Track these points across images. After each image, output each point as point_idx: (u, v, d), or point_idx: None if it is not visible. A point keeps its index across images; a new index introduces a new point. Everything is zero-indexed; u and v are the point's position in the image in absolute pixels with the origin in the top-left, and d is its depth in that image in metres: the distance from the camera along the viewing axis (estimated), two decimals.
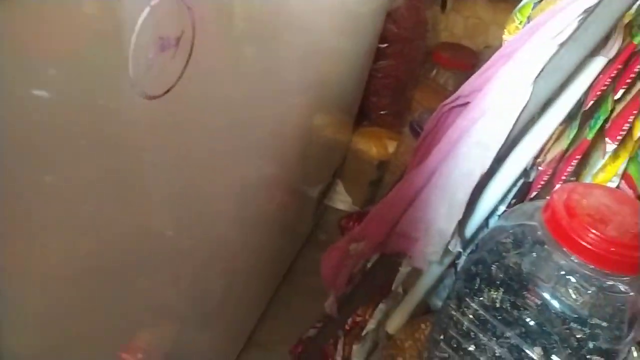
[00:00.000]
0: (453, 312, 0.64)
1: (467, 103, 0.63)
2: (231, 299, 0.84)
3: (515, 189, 0.64)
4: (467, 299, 0.62)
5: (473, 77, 0.64)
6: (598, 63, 0.47)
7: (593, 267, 0.48)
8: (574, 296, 0.50)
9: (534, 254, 0.53)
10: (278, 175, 0.85)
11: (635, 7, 0.47)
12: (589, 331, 0.49)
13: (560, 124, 0.52)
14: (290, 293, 1.17)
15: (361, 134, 1.33)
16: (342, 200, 1.41)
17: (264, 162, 0.75)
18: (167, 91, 0.36)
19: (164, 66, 0.34)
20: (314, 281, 1.19)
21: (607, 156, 0.52)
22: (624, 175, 0.57)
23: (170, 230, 0.48)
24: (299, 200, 1.12)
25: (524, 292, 0.55)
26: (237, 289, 0.86)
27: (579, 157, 0.52)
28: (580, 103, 0.51)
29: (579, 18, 0.45)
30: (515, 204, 0.65)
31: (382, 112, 1.34)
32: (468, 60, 1.29)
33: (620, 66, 0.47)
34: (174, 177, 0.44)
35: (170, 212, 0.47)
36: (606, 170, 0.54)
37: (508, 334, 0.55)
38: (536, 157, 0.60)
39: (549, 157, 0.56)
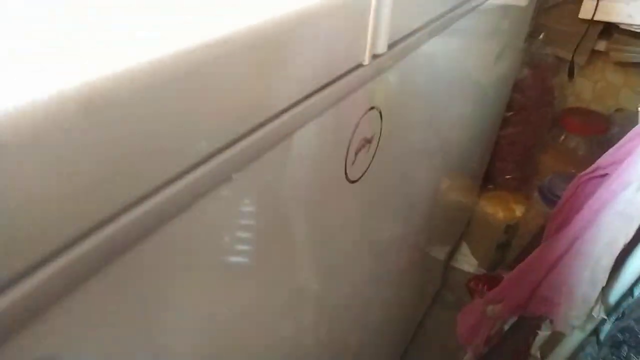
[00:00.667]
0: None
1: (606, 175, 0.67)
2: (365, 356, 0.90)
3: None
4: None
5: (612, 149, 0.68)
6: None
7: None
8: None
9: None
10: (409, 236, 0.93)
11: None
12: None
13: None
14: (420, 350, 1.21)
15: (487, 197, 1.37)
16: (468, 262, 1.43)
17: (399, 224, 0.83)
18: (361, 176, 0.47)
19: (361, 158, 0.46)
20: (442, 340, 1.23)
21: None
22: None
23: (317, 284, 0.57)
24: (428, 261, 1.17)
25: None
26: (370, 345, 0.92)
27: None
28: None
29: None
30: None
31: (507, 177, 1.37)
32: (598, 124, 1.29)
33: None
34: (343, 238, 0.55)
35: (322, 270, 0.56)
36: None
37: None
38: None
39: None
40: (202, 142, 0.26)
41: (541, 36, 1.26)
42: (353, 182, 0.46)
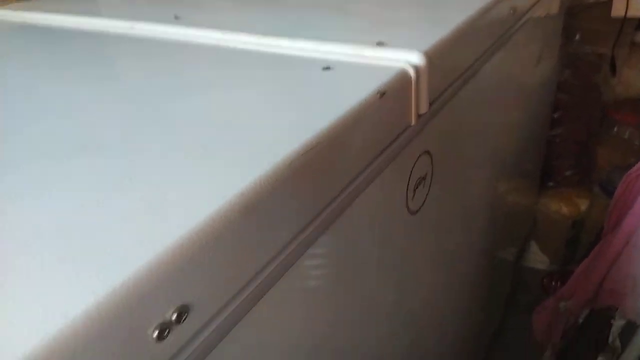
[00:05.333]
0: None
1: None
2: None
3: None
4: None
5: None
6: None
7: None
8: None
9: None
10: (474, 243, 0.98)
11: None
12: None
13: None
14: (501, 354, 1.25)
15: (549, 196, 1.40)
16: (539, 261, 1.46)
17: (463, 234, 0.90)
18: (420, 207, 0.57)
19: (419, 193, 0.55)
20: (522, 340, 1.26)
21: None
22: None
23: (394, 297, 0.65)
24: (496, 264, 1.22)
25: None
26: (450, 352, 0.98)
27: None
28: None
29: None
30: None
31: (567, 173, 1.40)
32: None
33: None
34: (410, 258, 0.64)
35: (398, 285, 0.64)
36: None
37: None
38: None
39: None
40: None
41: (577, 36, 1.30)
42: (414, 212, 0.55)
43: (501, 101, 0.86)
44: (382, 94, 0.41)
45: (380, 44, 0.50)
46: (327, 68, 0.48)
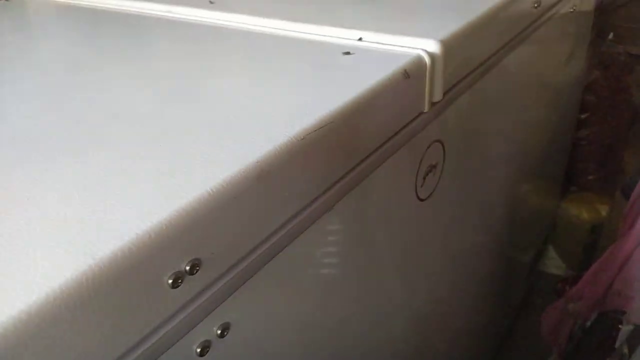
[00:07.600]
0: None
1: None
2: None
3: None
4: None
5: None
6: None
7: None
8: None
9: None
10: (487, 242, 0.98)
11: None
12: None
13: None
14: (509, 355, 1.25)
15: (570, 199, 1.38)
16: (556, 266, 1.45)
17: (475, 231, 0.90)
18: (430, 195, 0.58)
19: (429, 180, 0.57)
20: (532, 344, 1.25)
21: None
22: None
23: (401, 293, 0.66)
24: (511, 266, 1.21)
25: None
26: (459, 352, 0.98)
27: None
28: None
29: None
30: None
31: (590, 177, 1.38)
32: None
33: None
34: (419, 249, 0.65)
35: (409, 275, 0.65)
36: None
37: None
38: None
39: None
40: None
41: (611, 35, 1.27)
42: (423, 200, 0.57)
43: (523, 98, 0.86)
44: (407, 75, 0.43)
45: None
46: (347, 53, 0.49)
